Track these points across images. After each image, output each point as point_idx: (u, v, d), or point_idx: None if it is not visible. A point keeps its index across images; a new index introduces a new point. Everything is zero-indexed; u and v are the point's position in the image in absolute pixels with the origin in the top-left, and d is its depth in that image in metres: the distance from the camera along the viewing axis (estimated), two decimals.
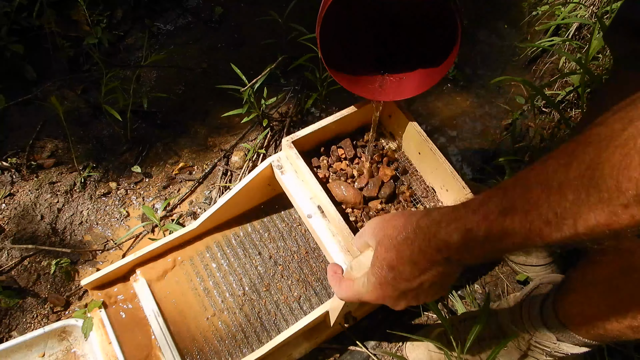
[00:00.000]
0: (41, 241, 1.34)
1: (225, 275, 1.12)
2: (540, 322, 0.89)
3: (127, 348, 1.01)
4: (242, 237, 1.16)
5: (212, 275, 1.12)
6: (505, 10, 2.07)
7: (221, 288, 1.10)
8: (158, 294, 1.08)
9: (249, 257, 1.14)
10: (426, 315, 1.20)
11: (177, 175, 1.52)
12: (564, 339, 0.86)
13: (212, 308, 1.07)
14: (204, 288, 1.10)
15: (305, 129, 0.98)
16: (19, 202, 1.41)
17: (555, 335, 0.87)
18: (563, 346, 0.87)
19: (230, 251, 1.15)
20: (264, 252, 1.14)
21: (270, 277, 1.11)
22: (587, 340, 0.83)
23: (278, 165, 1.02)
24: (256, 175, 1.06)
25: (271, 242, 1.16)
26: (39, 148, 1.54)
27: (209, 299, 1.09)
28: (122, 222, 1.41)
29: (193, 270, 1.13)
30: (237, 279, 1.11)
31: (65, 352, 1.07)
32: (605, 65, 1.57)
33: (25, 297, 1.24)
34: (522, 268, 1.22)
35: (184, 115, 1.68)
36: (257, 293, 1.09)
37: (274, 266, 1.12)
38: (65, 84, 1.71)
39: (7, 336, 1.18)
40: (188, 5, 2.06)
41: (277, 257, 1.13)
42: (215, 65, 1.85)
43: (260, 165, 1.05)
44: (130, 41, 1.92)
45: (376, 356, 1.13)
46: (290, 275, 1.11)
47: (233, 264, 1.13)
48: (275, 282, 1.10)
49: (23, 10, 1.73)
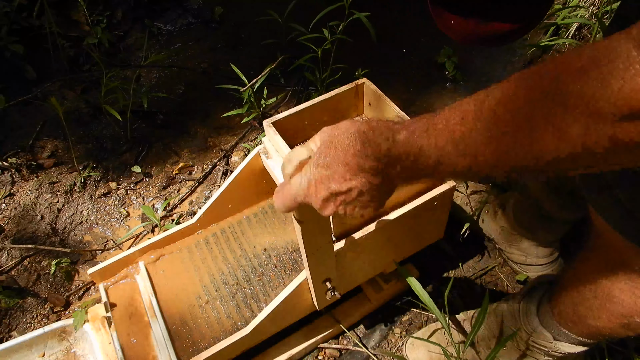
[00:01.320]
0: (41, 241, 1.34)
1: (220, 266, 1.13)
2: (537, 321, 0.89)
3: (122, 335, 1.03)
4: (239, 232, 1.18)
5: (207, 267, 1.13)
6: None
7: (215, 278, 1.11)
8: (157, 284, 1.10)
9: (243, 250, 1.15)
10: (426, 315, 1.20)
11: (177, 175, 1.52)
12: (561, 338, 0.87)
13: (205, 296, 1.08)
14: (200, 278, 1.11)
15: (286, 112, 1.00)
16: (19, 202, 1.41)
17: (551, 335, 0.87)
18: (560, 345, 0.87)
19: (227, 244, 1.16)
20: (258, 246, 1.15)
21: (264, 267, 1.12)
22: (582, 339, 0.83)
23: (263, 151, 1.02)
24: (246, 164, 1.07)
25: (266, 236, 1.16)
26: (39, 148, 1.54)
27: (203, 288, 1.10)
28: (122, 222, 1.41)
29: (191, 262, 1.14)
30: (231, 270, 1.12)
31: (65, 352, 1.07)
32: None
33: (25, 297, 1.24)
34: (522, 268, 1.22)
35: (184, 115, 1.68)
36: (250, 282, 1.10)
37: (267, 258, 1.13)
38: (65, 84, 1.71)
39: (7, 336, 1.18)
40: (188, 5, 2.06)
41: (271, 249, 1.14)
42: (215, 65, 1.85)
43: (249, 155, 1.06)
44: (130, 41, 1.92)
45: (376, 356, 1.13)
46: (284, 266, 1.12)
47: (228, 257, 1.14)
48: (268, 272, 1.11)
49: (23, 10, 1.74)
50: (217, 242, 1.17)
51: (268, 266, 1.12)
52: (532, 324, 0.91)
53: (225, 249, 1.16)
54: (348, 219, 0.85)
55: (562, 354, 0.89)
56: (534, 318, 0.90)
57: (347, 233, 0.87)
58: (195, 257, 1.15)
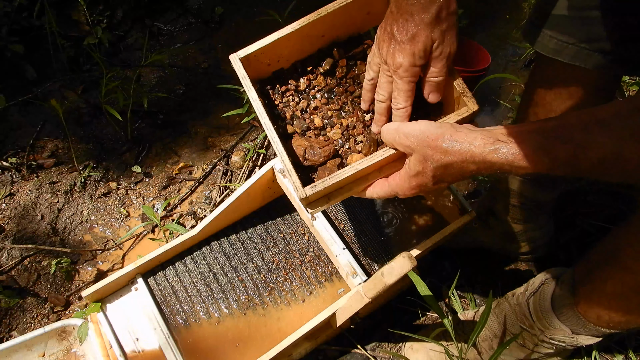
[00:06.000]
0: (41, 241, 1.34)
1: (229, 279, 1.11)
2: (553, 316, 0.89)
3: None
4: (245, 241, 1.16)
5: (215, 281, 1.11)
6: (505, 10, 2.07)
7: (225, 293, 1.09)
8: (159, 299, 1.08)
9: (251, 261, 1.13)
10: (426, 315, 1.20)
11: (177, 175, 1.52)
12: (581, 331, 0.86)
13: (215, 314, 1.07)
14: (207, 293, 1.09)
15: (261, 41, 0.76)
16: (19, 202, 1.41)
17: (570, 329, 0.87)
18: (579, 338, 0.87)
19: (233, 255, 1.14)
20: (266, 257, 1.13)
21: (273, 281, 1.10)
22: (605, 330, 0.82)
23: (280, 170, 1.02)
24: (257, 179, 1.05)
25: (274, 246, 1.15)
26: (39, 148, 1.54)
27: (212, 305, 1.08)
28: (122, 222, 1.41)
29: (197, 274, 1.11)
30: (239, 285, 1.10)
31: (65, 352, 1.07)
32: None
33: (25, 297, 1.24)
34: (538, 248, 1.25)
35: (184, 115, 1.68)
36: (261, 298, 1.09)
37: (276, 270, 1.12)
38: (65, 84, 1.71)
39: (7, 336, 1.18)
40: (188, 5, 2.06)
41: (280, 260, 1.13)
42: (215, 65, 1.85)
43: (261, 170, 1.05)
44: (130, 41, 1.92)
45: (375, 358, 1.13)
46: (295, 279, 1.11)
47: (236, 267, 1.12)
48: (278, 286, 1.10)
49: (23, 10, 1.74)
50: (222, 254, 1.14)
51: (277, 279, 1.11)
52: (547, 320, 0.90)
53: (232, 261, 1.13)
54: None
55: (576, 347, 0.89)
56: (548, 314, 0.90)
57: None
58: (201, 270, 1.12)
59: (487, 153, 0.58)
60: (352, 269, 0.97)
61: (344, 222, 1.08)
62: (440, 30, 0.66)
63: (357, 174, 0.69)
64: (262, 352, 0.94)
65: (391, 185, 0.71)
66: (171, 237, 1.35)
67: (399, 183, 0.69)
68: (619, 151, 0.50)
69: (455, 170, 0.62)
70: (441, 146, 0.61)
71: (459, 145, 0.60)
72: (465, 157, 0.59)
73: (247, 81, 0.75)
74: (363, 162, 0.69)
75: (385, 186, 0.72)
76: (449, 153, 0.61)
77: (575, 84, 0.90)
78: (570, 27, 0.83)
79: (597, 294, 0.80)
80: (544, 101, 0.96)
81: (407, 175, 0.67)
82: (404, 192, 0.70)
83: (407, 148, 0.65)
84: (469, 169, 0.61)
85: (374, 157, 0.69)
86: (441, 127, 0.63)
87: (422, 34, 0.66)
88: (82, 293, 1.03)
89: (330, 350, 1.14)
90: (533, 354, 0.96)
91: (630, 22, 0.78)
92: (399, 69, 0.69)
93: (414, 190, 0.68)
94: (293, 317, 1.08)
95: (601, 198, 1.37)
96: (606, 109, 0.53)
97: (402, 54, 0.68)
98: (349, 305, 0.92)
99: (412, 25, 0.66)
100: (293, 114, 0.80)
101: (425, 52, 0.67)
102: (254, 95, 0.74)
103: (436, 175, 0.64)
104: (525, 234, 1.21)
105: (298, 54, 0.82)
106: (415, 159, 0.65)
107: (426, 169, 0.64)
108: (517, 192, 1.14)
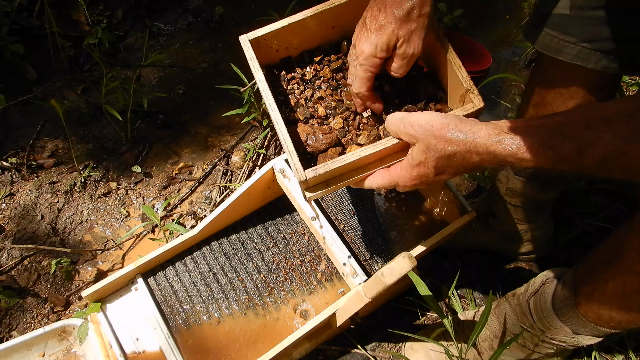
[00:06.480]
0: (41, 241, 1.34)
1: (229, 279, 1.11)
2: (554, 317, 0.89)
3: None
4: (245, 241, 1.16)
5: (215, 281, 1.11)
6: (505, 11, 2.07)
7: (225, 293, 1.09)
8: (159, 299, 1.08)
9: (251, 261, 1.13)
10: (426, 315, 1.20)
11: (177, 175, 1.52)
12: (582, 332, 0.86)
13: (215, 315, 1.07)
14: (207, 293, 1.09)
15: (271, 25, 0.79)
16: (19, 202, 1.41)
17: (571, 329, 0.87)
18: (580, 339, 0.87)
19: (233, 255, 1.14)
20: (266, 257, 1.13)
21: (273, 281, 1.10)
22: (606, 330, 0.82)
23: (280, 170, 1.01)
24: (257, 179, 1.05)
25: (274, 246, 1.15)
26: (39, 148, 1.54)
27: (212, 305, 1.08)
28: (122, 222, 1.41)
29: (197, 274, 1.12)
30: (239, 285, 1.10)
31: (65, 352, 1.07)
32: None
33: (25, 297, 1.24)
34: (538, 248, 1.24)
35: (184, 115, 1.68)
36: (261, 298, 1.09)
37: (276, 270, 1.12)
38: (65, 84, 1.71)
39: (7, 336, 1.18)
40: (188, 5, 2.06)
41: (280, 260, 1.13)
42: (215, 65, 1.85)
43: (261, 170, 1.05)
44: (130, 41, 1.92)
45: (375, 358, 1.13)
46: (295, 279, 1.11)
47: (236, 267, 1.12)
48: (278, 286, 1.10)
49: (23, 10, 1.74)
50: (222, 255, 1.14)
51: (277, 279, 1.11)
52: (548, 320, 0.90)
53: (232, 261, 1.13)
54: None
55: (576, 347, 0.89)
56: (549, 314, 0.90)
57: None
58: (201, 270, 1.13)
59: (491, 144, 0.58)
60: (352, 269, 0.97)
61: (344, 222, 1.08)
62: (408, 29, 0.68)
63: (359, 161, 0.70)
64: (262, 352, 0.94)
65: (392, 175, 0.71)
66: (171, 237, 1.35)
67: (399, 173, 0.69)
68: (622, 149, 0.50)
69: (458, 161, 0.62)
70: (445, 135, 0.61)
71: (464, 135, 0.60)
72: (469, 147, 0.60)
73: (255, 62, 0.76)
74: (366, 150, 0.69)
75: (386, 176, 0.72)
76: (453, 143, 0.61)
77: (576, 84, 0.90)
78: (571, 26, 0.83)
79: (598, 294, 0.80)
80: (544, 101, 0.96)
81: (409, 165, 0.67)
82: (404, 183, 0.69)
83: (411, 137, 0.65)
84: (472, 160, 0.61)
85: (377, 146, 0.69)
86: (447, 117, 0.63)
87: (389, 27, 0.68)
88: (82, 293, 1.03)
89: (330, 350, 1.14)
90: (533, 354, 0.96)
91: (632, 22, 0.78)
92: (360, 55, 0.71)
93: (415, 181, 0.68)
94: (293, 317, 1.08)
95: (601, 198, 1.36)
96: (610, 106, 0.53)
97: (367, 42, 0.70)
98: (349, 305, 0.92)
99: (382, 16, 0.68)
100: (297, 102, 0.81)
101: (388, 47, 0.69)
102: (260, 76, 0.75)
103: (438, 166, 0.64)
104: (525, 234, 1.21)
105: (307, 44, 0.84)
106: (418, 148, 0.65)
107: (429, 158, 0.64)
108: (517, 192, 1.14)
